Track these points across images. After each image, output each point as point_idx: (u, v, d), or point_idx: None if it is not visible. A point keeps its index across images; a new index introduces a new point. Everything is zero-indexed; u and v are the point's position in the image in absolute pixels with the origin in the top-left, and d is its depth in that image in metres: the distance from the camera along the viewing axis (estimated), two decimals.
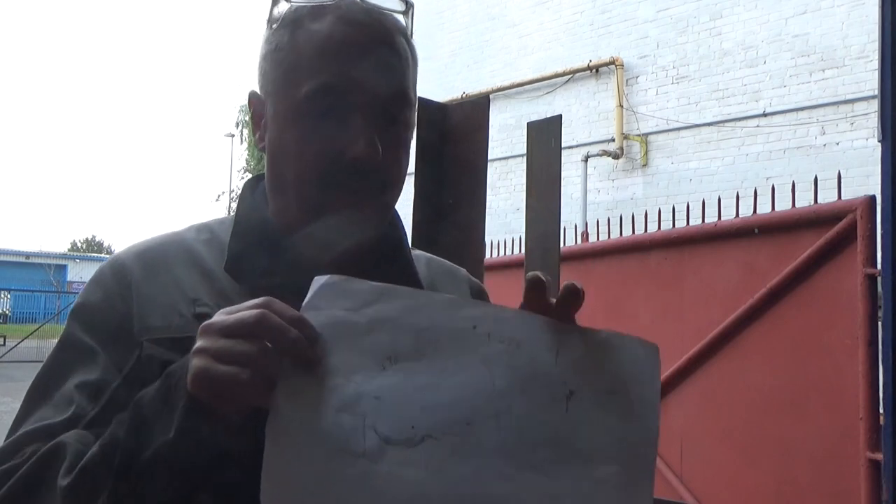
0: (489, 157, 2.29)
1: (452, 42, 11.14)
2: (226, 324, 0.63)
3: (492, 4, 10.72)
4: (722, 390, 3.44)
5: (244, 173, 26.74)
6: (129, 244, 0.89)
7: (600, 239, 4.79)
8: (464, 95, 9.83)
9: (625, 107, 9.05)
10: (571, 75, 9.59)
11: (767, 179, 7.11)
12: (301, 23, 0.81)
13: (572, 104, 9.52)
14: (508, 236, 5.87)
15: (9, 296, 29.16)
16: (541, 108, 9.50)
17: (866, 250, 2.96)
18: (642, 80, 9.04)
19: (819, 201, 3.41)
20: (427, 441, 0.63)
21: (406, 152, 0.86)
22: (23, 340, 15.61)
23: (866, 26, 7.14)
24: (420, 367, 0.65)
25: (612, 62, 9.16)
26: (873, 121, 6.32)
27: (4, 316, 28.31)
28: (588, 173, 9.24)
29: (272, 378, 0.62)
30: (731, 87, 8.27)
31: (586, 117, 9.47)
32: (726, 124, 8.26)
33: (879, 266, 2.73)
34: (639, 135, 8.92)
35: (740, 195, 3.87)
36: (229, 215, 0.92)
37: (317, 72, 0.79)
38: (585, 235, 5.46)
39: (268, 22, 0.84)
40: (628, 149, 9.03)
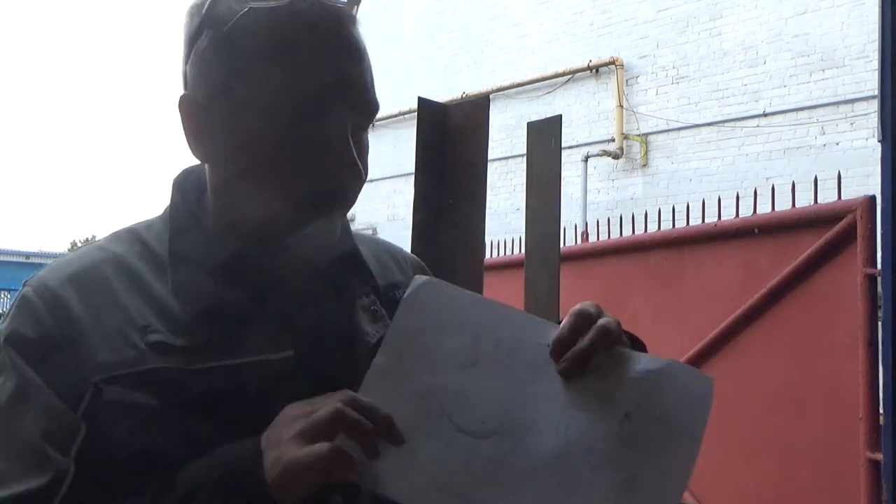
0: (489, 157, 2.29)
1: (452, 42, 11.13)
2: (302, 430, 0.65)
3: (492, 4, 10.71)
4: (722, 390, 3.40)
5: None
6: (51, 265, 0.78)
7: (600, 239, 4.79)
8: (464, 95, 9.83)
9: (625, 107, 9.05)
10: (571, 75, 9.59)
11: (767, 179, 7.10)
12: (266, 27, 0.73)
13: (572, 104, 9.52)
14: (508, 236, 5.87)
15: (9, 296, 29.16)
16: (541, 108, 9.50)
17: (866, 250, 2.96)
18: (642, 80, 9.04)
19: (819, 201, 3.41)
20: (493, 437, 0.70)
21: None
22: None
23: (866, 26, 7.14)
24: (496, 372, 0.73)
25: (612, 62, 9.16)
26: (873, 121, 6.31)
27: (4, 316, 28.33)
28: (588, 173, 9.24)
29: (352, 463, 0.65)
30: (731, 87, 8.27)
31: (586, 117, 9.47)
32: (726, 124, 8.26)
33: (879, 266, 2.73)
34: (639, 135, 8.92)
35: (740, 195, 3.87)
36: (154, 218, 0.83)
37: (293, 82, 0.73)
38: (585, 235, 5.46)
39: (206, 22, 0.75)
40: (628, 149, 9.03)
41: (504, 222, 9.17)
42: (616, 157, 9.05)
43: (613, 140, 9.06)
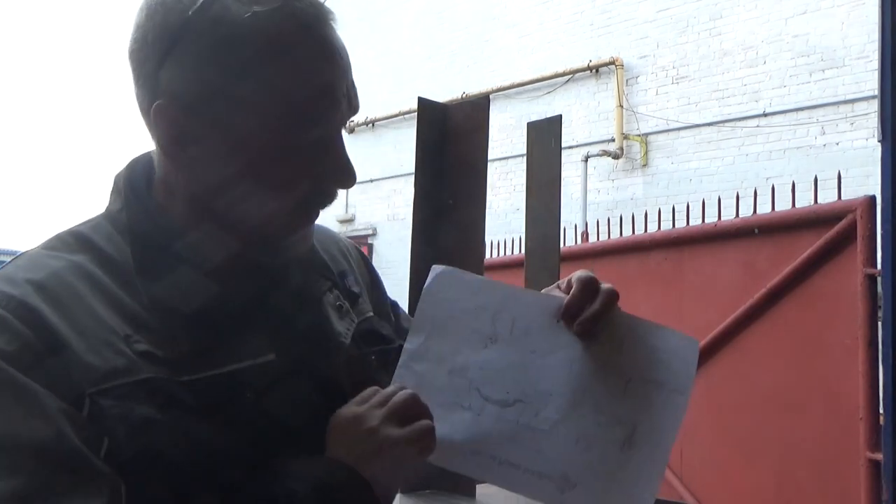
0: (489, 157, 2.29)
1: (452, 42, 11.13)
2: (389, 415, 0.74)
3: (492, 4, 10.71)
4: (722, 390, 3.44)
5: None
6: (4, 277, 0.70)
7: (600, 239, 4.79)
8: (464, 95, 9.83)
9: (625, 107, 9.04)
10: (571, 75, 9.59)
11: (767, 179, 7.10)
12: (267, 29, 0.71)
13: (572, 104, 9.52)
14: (508, 236, 5.88)
15: None
16: (541, 108, 9.50)
17: (866, 250, 2.96)
18: (642, 80, 9.04)
19: (819, 201, 3.42)
20: (517, 404, 0.82)
21: None
22: None
23: (866, 26, 7.14)
24: (514, 347, 0.84)
25: (612, 62, 9.16)
26: (873, 121, 6.31)
27: None
28: (588, 173, 9.23)
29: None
30: (731, 87, 8.27)
31: (586, 117, 9.47)
32: (726, 124, 8.26)
33: (879, 266, 2.73)
34: (639, 135, 8.92)
35: (740, 195, 3.87)
36: (97, 219, 0.78)
37: (296, 84, 0.72)
38: (585, 235, 5.46)
39: (196, 24, 0.71)
40: (628, 149, 9.03)
41: (504, 222, 9.17)
42: (616, 157, 9.05)
43: (613, 140, 9.06)
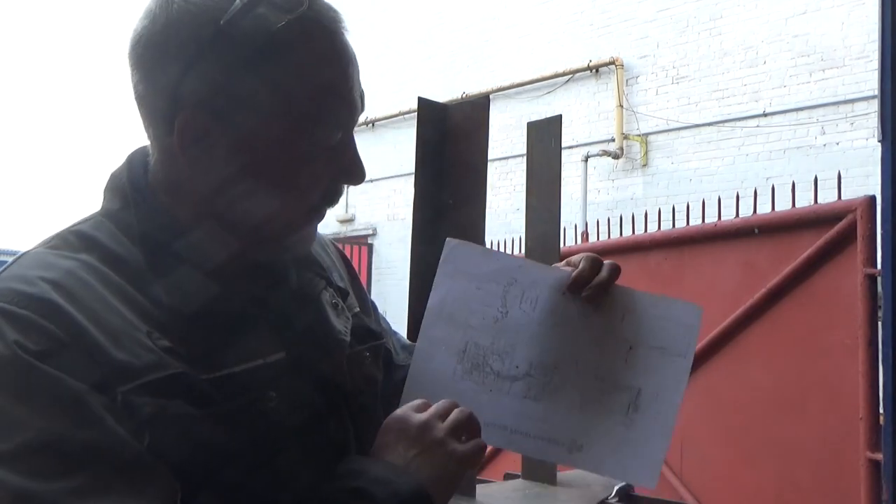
0: (489, 157, 2.28)
1: (452, 42, 11.13)
2: (451, 432, 0.77)
3: (492, 4, 10.71)
4: (722, 390, 3.44)
5: None
6: (10, 282, 0.67)
7: (600, 239, 4.79)
8: (464, 95, 9.83)
9: (625, 107, 9.04)
10: (571, 75, 9.59)
11: (767, 179, 7.10)
12: (299, 37, 0.72)
13: (572, 104, 9.52)
14: (509, 236, 5.87)
15: None
16: (541, 108, 9.50)
17: (866, 250, 2.96)
18: (642, 80, 9.04)
19: (819, 201, 3.41)
20: (525, 378, 0.88)
21: None
22: None
23: (866, 26, 7.13)
24: (524, 320, 0.88)
25: (612, 62, 9.16)
26: (873, 121, 6.31)
27: None
28: (588, 173, 9.23)
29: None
30: (731, 87, 8.27)
31: (586, 117, 9.47)
32: (726, 124, 8.26)
33: (879, 266, 2.73)
34: (639, 135, 8.92)
35: (740, 195, 3.87)
36: (96, 217, 0.78)
37: (328, 90, 0.73)
38: (585, 235, 5.46)
39: (227, 35, 0.70)
40: (628, 149, 9.03)
41: (504, 222, 9.17)
42: (616, 157, 9.04)
43: (613, 140, 9.05)
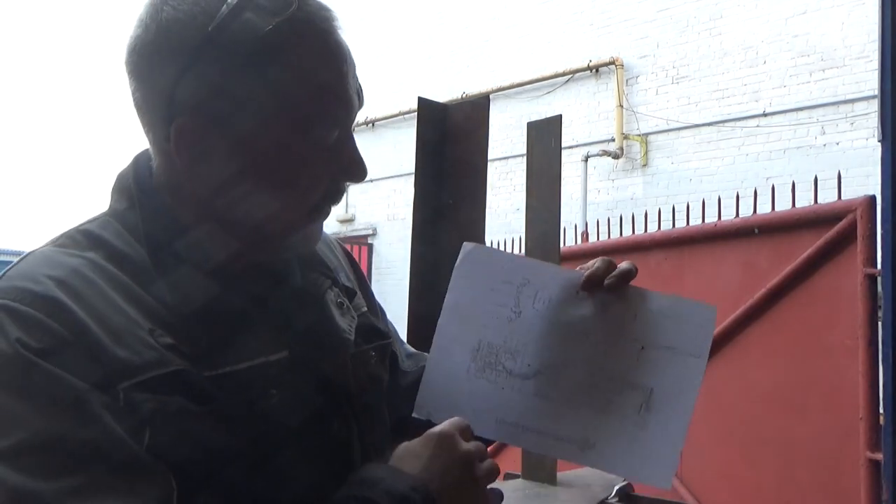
0: (489, 157, 2.28)
1: (452, 42, 11.13)
2: (478, 452, 0.78)
3: (492, 4, 10.71)
4: (722, 390, 3.44)
5: None
6: (15, 279, 0.68)
7: (600, 239, 4.79)
8: (464, 95, 9.83)
9: (625, 107, 9.04)
10: (571, 75, 9.59)
11: (767, 179, 7.10)
12: (291, 39, 0.71)
13: (572, 104, 9.52)
14: (509, 236, 5.87)
15: None
16: (541, 108, 9.50)
17: (866, 250, 2.96)
18: (642, 80, 9.04)
19: (819, 201, 3.41)
20: (537, 376, 0.89)
21: None
22: None
23: (866, 26, 7.13)
24: (536, 320, 0.90)
25: (612, 62, 9.16)
26: (873, 121, 6.31)
27: None
28: (588, 173, 9.23)
29: None
30: (731, 87, 8.27)
31: (586, 117, 9.46)
32: (726, 124, 8.26)
33: (879, 266, 2.73)
34: (639, 135, 8.91)
35: (740, 195, 3.87)
36: (102, 217, 0.78)
37: (322, 92, 0.73)
38: (585, 235, 5.46)
39: (217, 41, 0.70)
40: (628, 149, 9.03)
41: (504, 222, 9.17)
42: (616, 157, 9.04)
43: (613, 140, 9.05)
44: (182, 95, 0.71)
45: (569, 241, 5.11)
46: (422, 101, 2.27)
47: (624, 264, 0.92)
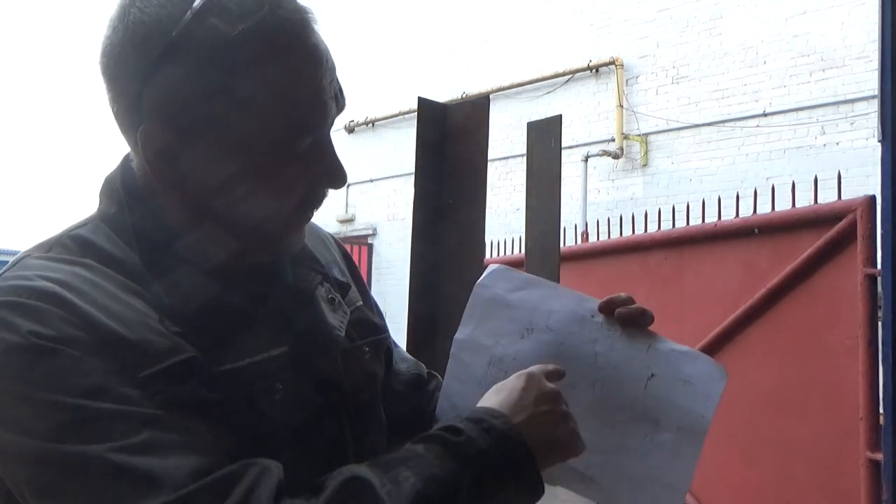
0: (489, 157, 2.29)
1: (452, 42, 11.13)
2: (552, 392, 0.80)
3: (492, 4, 10.71)
4: None
5: None
6: (11, 280, 0.68)
7: (600, 239, 4.79)
8: (464, 95, 9.83)
9: (625, 107, 9.04)
10: (571, 75, 9.59)
11: (767, 179, 7.10)
12: (258, 43, 0.69)
13: (572, 104, 9.52)
14: (509, 236, 5.88)
15: None
16: (541, 108, 9.49)
17: (866, 250, 2.96)
18: (642, 80, 9.04)
19: (819, 201, 3.42)
20: None
21: None
22: None
23: (866, 26, 7.13)
24: (547, 339, 0.90)
25: (612, 62, 9.16)
26: (873, 121, 6.31)
27: None
28: (588, 173, 9.23)
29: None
30: (731, 87, 8.27)
31: (586, 117, 9.46)
32: (726, 124, 8.26)
33: (879, 266, 2.73)
34: (639, 135, 8.91)
35: (740, 195, 3.87)
36: (91, 221, 0.78)
37: (291, 95, 0.71)
38: (585, 235, 5.46)
39: (181, 46, 0.68)
40: (628, 149, 9.03)
41: (504, 222, 9.17)
42: (616, 157, 9.04)
43: (613, 140, 9.05)
44: (148, 100, 0.70)
45: (569, 241, 5.11)
46: (422, 101, 2.28)
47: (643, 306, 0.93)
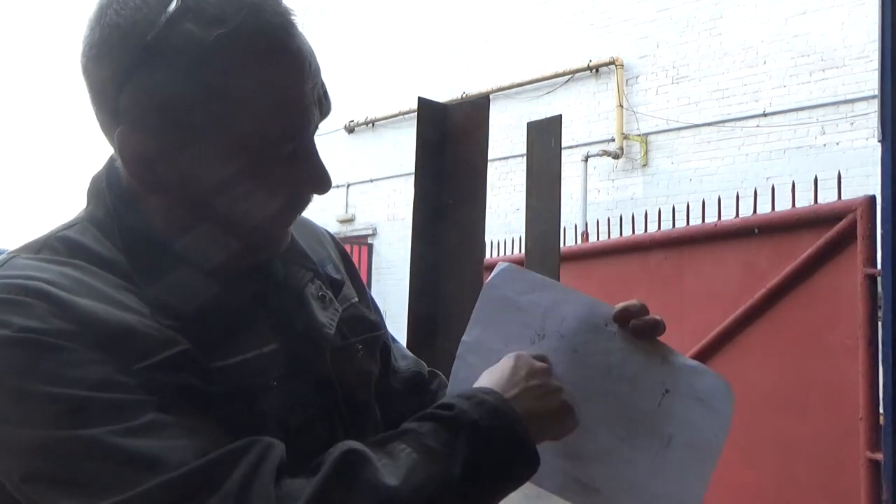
0: (489, 157, 2.29)
1: (452, 42, 11.13)
2: (541, 368, 0.82)
3: (492, 4, 10.71)
4: None
5: None
6: (5, 277, 0.67)
7: (600, 239, 4.79)
8: (464, 95, 9.83)
9: (625, 107, 9.04)
10: (571, 75, 9.59)
11: (767, 179, 7.10)
12: (237, 47, 0.68)
13: (572, 104, 9.51)
14: (509, 236, 5.88)
15: None
16: (541, 108, 9.49)
17: (866, 250, 2.96)
18: (642, 80, 9.04)
19: (819, 201, 3.42)
20: None
21: None
22: None
23: (866, 26, 7.13)
24: (559, 346, 0.86)
25: (612, 62, 9.16)
26: (873, 121, 6.31)
27: None
28: (588, 173, 9.23)
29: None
30: (731, 87, 8.27)
31: (586, 117, 9.46)
32: (726, 124, 8.26)
33: (879, 266, 2.73)
34: (639, 135, 8.91)
35: (740, 195, 3.87)
36: (78, 221, 0.77)
37: (272, 98, 0.70)
38: (585, 235, 5.46)
39: (156, 50, 0.67)
40: (628, 149, 9.03)
41: (504, 222, 9.17)
42: (616, 157, 9.04)
43: (613, 140, 9.05)
44: (124, 103, 0.70)
45: (569, 241, 5.11)
46: (422, 101, 2.28)
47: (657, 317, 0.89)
